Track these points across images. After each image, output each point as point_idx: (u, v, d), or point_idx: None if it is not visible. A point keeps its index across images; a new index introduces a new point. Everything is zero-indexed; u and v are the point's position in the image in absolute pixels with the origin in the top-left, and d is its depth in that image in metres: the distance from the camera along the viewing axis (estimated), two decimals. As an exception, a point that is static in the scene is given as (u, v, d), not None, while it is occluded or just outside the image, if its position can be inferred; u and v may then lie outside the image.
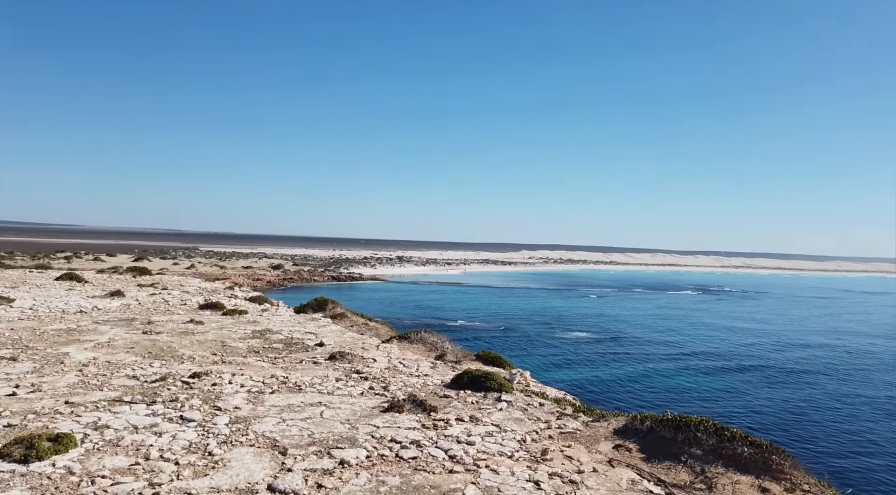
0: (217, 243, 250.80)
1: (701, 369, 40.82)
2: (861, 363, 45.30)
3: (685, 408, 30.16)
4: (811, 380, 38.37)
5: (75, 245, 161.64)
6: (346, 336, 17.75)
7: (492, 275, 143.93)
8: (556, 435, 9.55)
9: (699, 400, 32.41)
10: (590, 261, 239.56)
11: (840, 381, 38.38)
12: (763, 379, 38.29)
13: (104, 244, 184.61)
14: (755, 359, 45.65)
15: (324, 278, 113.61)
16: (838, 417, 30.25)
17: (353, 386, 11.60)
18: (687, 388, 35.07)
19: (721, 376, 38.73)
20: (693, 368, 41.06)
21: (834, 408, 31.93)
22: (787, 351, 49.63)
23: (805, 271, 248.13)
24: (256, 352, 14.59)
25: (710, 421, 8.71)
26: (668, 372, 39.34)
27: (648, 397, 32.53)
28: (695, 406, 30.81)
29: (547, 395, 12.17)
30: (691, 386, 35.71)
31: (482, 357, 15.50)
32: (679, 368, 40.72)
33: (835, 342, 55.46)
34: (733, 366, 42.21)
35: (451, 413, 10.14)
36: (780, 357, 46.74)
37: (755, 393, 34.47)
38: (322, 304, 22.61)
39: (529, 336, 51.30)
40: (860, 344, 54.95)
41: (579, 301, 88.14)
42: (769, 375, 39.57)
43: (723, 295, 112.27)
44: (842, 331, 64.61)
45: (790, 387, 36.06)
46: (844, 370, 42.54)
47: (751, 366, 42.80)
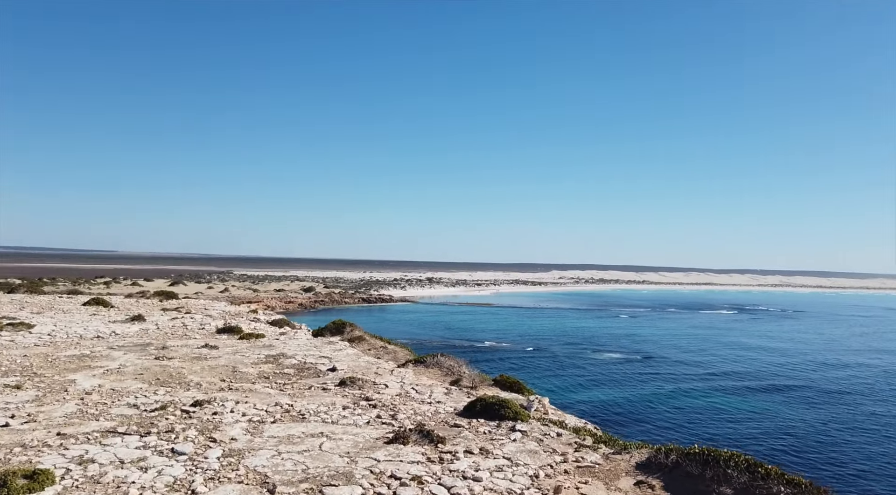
0: (250, 267, 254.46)
1: (734, 390, 39.15)
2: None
3: (716, 431, 28.81)
4: (848, 401, 36.42)
5: (115, 270, 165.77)
6: (361, 360, 17.24)
7: (522, 296, 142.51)
8: (572, 470, 8.82)
9: (731, 421, 30.93)
10: (622, 281, 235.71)
11: (878, 402, 36.28)
12: (798, 400, 36.50)
13: (142, 269, 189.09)
14: (790, 379, 43.73)
15: (354, 300, 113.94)
16: (875, 439, 28.43)
17: (360, 415, 11.05)
18: (718, 410, 33.54)
19: (754, 397, 37.05)
20: (725, 389, 39.42)
21: (870, 430, 30.10)
22: (824, 371, 47.41)
23: (846, 289, 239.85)
24: (266, 378, 14.17)
25: (742, 455, 7.89)
26: (700, 393, 37.81)
27: (678, 419, 31.17)
28: (725, 428, 29.42)
29: (566, 424, 11.41)
30: (723, 407, 34.16)
31: (500, 382, 14.79)
32: (711, 389, 39.12)
33: (874, 362, 52.83)
34: (768, 387, 40.44)
35: (459, 444, 9.49)
36: (816, 377, 44.65)
37: (789, 414, 32.78)
38: (340, 327, 22.19)
39: (559, 357, 50.09)
40: None
41: (611, 321, 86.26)
42: (804, 396, 37.73)
43: (759, 314, 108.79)
44: (882, 350, 61.64)
45: (825, 408, 34.24)
46: (882, 391, 40.31)
47: (786, 386, 40.99)
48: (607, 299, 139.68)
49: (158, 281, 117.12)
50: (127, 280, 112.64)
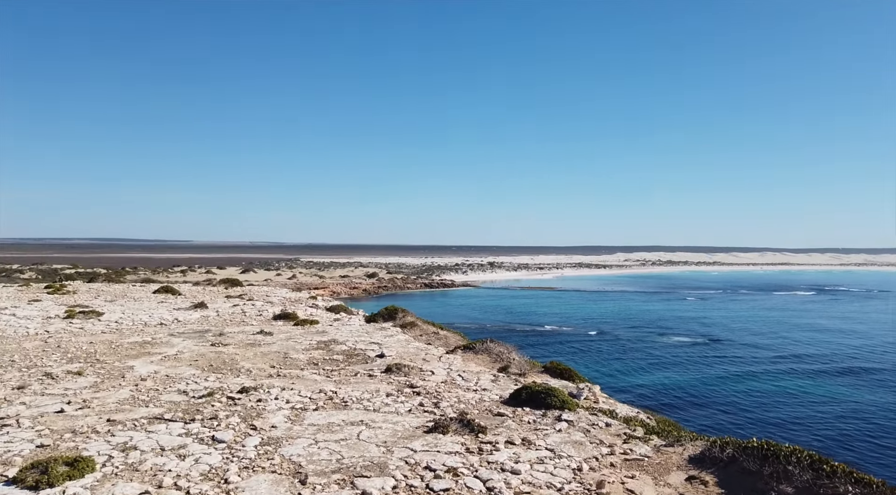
0: (316, 254, 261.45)
1: (806, 373, 36.93)
2: None
3: (784, 417, 27.19)
4: None
5: (190, 259, 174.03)
6: (410, 346, 17.15)
7: (586, 279, 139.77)
8: (619, 463, 8.34)
9: (800, 406, 29.13)
10: (691, 263, 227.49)
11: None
12: (875, 384, 34.02)
13: (216, 258, 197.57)
14: (868, 361, 40.89)
15: (416, 285, 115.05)
16: None
17: (403, 402, 10.90)
18: (788, 394, 31.69)
19: (828, 381, 34.81)
20: (797, 372, 37.25)
21: None
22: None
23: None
24: (315, 364, 14.27)
25: (805, 451, 7.21)
26: (769, 377, 35.87)
27: (744, 404, 29.64)
28: (794, 413, 27.72)
29: (616, 413, 10.88)
30: (793, 391, 32.26)
31: (550, 369, 14.34)
32: (781, 372, 37.08)
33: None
34: (843, 370, 37.95)
35: (501, 434, 9.17)
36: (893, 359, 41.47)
37: (864, 398, 30.56)
38: (392, 313, 22.21)
39: (622, 341, 48.76)
40: None
41: (678, 304, 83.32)
42: (882, 379, 35.13)
43: (840, 295, 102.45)
44: None
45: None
46: None
47: (862, 369, 38.40)
48: (675, 281, 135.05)
49: (230, 269, 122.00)
50: (202, 268, 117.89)
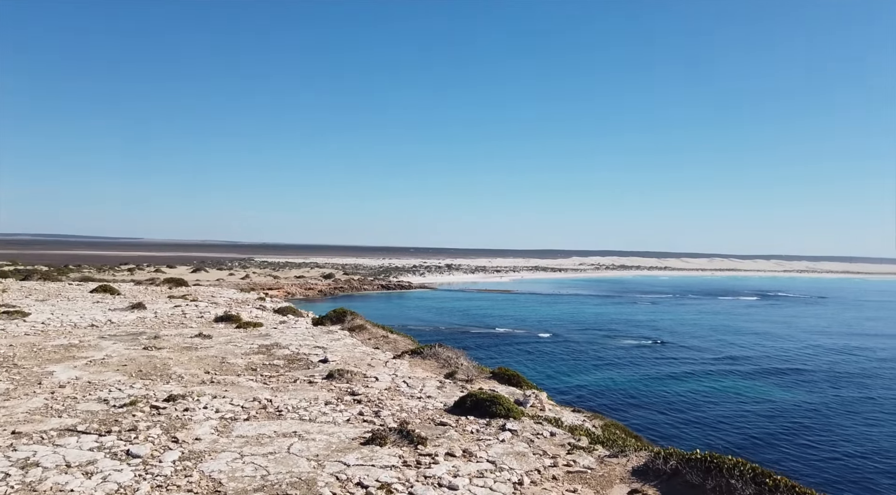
0: (271, 254, 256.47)
1: (747, 376, 38.21)
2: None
3: (726, 420, 27.79)
4: (855, 385, 35.07)
5: (140, 257, 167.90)
6: (356, 351, 16.60)
7: (542, 282, 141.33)
8: (561, 476, 8.05)
9: (743, 408, 30.00)
10: (643, 267, 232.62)
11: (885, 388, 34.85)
12: (797, 385, 35.37)
13: (166, 256, 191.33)
14: (796, 364, 42.63)
15: (373, 287, 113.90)
16: (865, 420, 27.29)
17: (342, 411, 10.38)
18: (731, 396, 32.62)
19: (757, 381, 36.10)
20: (739, 375, 38.57)
21: (862, 413, 28.99)
22: (833, 356, 45.92)
23: (874, 275, 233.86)
24: (253, 370, 13.59)
25: (748, 464, 7.04)
26: (713, 379, 36.99)
27: (689, 407, 30.31)
28: (736, 416, 28.44)
29: (561, 422, 10.63)
30: (736, 393, 33.24)
31: (498, 374, 14.04)
32: (725, 375, 38.26)
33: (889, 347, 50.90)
34: (771, 372, 39.57)
35: (442, 446, 8.77)
36: (824, 362, 43.29)
37: (797, 399, 31.71)
38: (341, 316, 21.59)
39: (574, 344, 49.16)
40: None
41: (630, 307, 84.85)
42: (805, 380, 36.54)
43: (783, 300, 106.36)
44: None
45: (830, 392, 33.05)
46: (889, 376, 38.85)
47: (790, 370, 40.00)
48: (627, 285, 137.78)
49: (181, 267, 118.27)
50: (150, 266, 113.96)
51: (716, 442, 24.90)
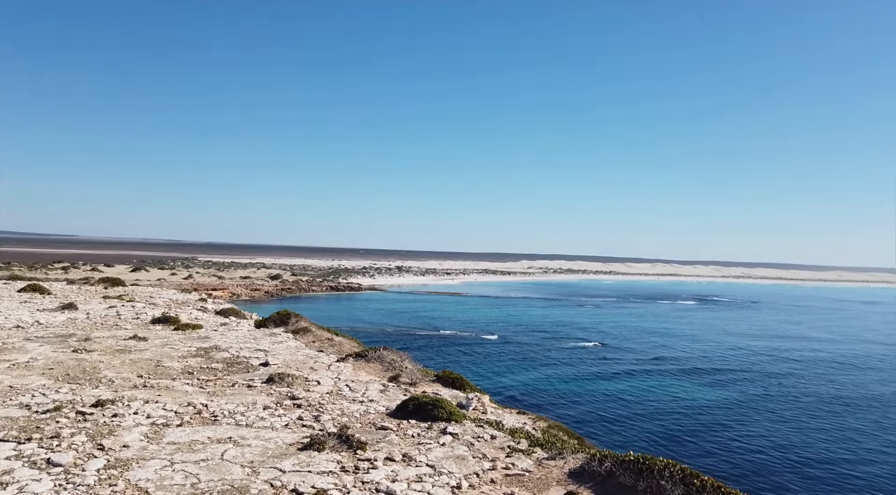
0: (216, 253, 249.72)
1: (683, 376, 39.76)
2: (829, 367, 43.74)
3: (662, 418, 28.78)
4: (780, 383, 37.09)
5: (76, 255, 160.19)
6: (299, 354, 16.32)
7: (491, 285, 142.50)
8: (500, 479, 8.11)
9: (678, 407, 31.11)
10: (589, 271, 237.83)
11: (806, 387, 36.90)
12: (715, 384, 37.10)
13: (104, 254, 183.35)
14: (718, 364, 44.75)
15: (322, 288, 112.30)
16: (779, 418, 28.92)
17: (281, 416, 10.17)
18: (669, 395, 33.83)
19: (682, 380, 37.67)
20: (675, 375, 40.10)
21: (775, 410, 30.72)
22: (762, 358, 48.26)
23: (804, 281, 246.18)
24: (190, 374, 13.17)
25: (678, 465, 7.27)
26: (651, 379, 38.36)
27: (628, 405, 31.21)
28: (672, 414, 29.48)
29: (502, 425, 10.72)
30: (673, 393, 34.47)
31: (442, 377, 14.06)
32: (662, 375, 39.72)
33: (820, 351, 53.81)
34: (694, 371, 41.55)
35: (381, 450, 8.71)
36: (753, 363, 45.53)
37: (732, 398, 33.08)
38: (285, 318, 21.19)
39: (521, 346, 49.77)
40: (839, 350, 53.28)
41: (576, 310, 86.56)
42: (720, 380, 38.35)
43: (719, 305, 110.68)
44: (826, 339, 62.97)
45: (761, 392, 34.84)
46: (813, 375, 41.21)
47: (712, 369, 42.04)
48: (574, 289, 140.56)
49: (120, 266, 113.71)
50: (87, 265, 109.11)
51: (652, 441, 25.69)
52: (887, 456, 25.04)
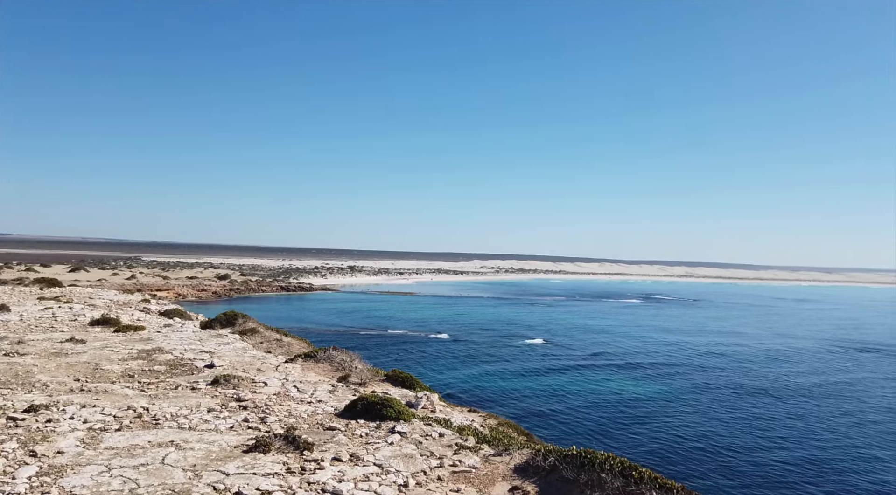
0: (161, 253, 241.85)
1: (630, 373, 40.92)
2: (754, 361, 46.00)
3: (608, 415, 29.63)
4: (724, 382, 38.75)
5: (8, 255, 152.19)
6: (246, 355, 16.04)
7: (443, 285, 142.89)
8: (446, 476, 8.20)
9: (624, 404, 32.04)
10: (540, 271, 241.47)
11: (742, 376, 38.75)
12: (649, 378, 38.69)
13: (40, 254, 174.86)
14: (660, 358, 46.61)
15: (272, 288, 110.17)
16: (707, 409, 30.41)
17: (226, 418, 10.00)
18: (615, 392, 34.73)
19: (644, 380, 38.95)
20: (622, 372, 41.25)
21: (703, 402, 32.34)
22: (707, 353, 50.32)
23: (743, 280, 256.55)
24: (130, 377, 12.77)
25: (618, 458, 7.52)
26: (598, 376, 39.40)
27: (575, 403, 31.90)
28: (617, 412, 30.38)
29: (451, 423, 10.83)
30: (619, 390, 35.43)
31: (392, 377, 14.07)
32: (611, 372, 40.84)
33: (750, 346, 56.37)
34: (633, 365, 43.24)
35: (329, 450, 8.67)
36: (697, 359, 47.42)
37: (679, 396, 34.32)
38: (232, 319, 20.77)
39: (472, 345, 50.16)
40: (768, 345, 55.98)
41: (527, 309, 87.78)
42: (653, 374, 39.97)
43: (664, 303, 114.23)
44: (759, 336, 65.97)
45: (704, 387, 36.23)
46: (746, 369, 43.31)
47: (652, 364, 44.00)
48: (525, 288, 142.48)
49: (57, 266, 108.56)
50: (21, 265, 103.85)
51: (595, 433, 26.40)
52: (798, 443, 26.68)
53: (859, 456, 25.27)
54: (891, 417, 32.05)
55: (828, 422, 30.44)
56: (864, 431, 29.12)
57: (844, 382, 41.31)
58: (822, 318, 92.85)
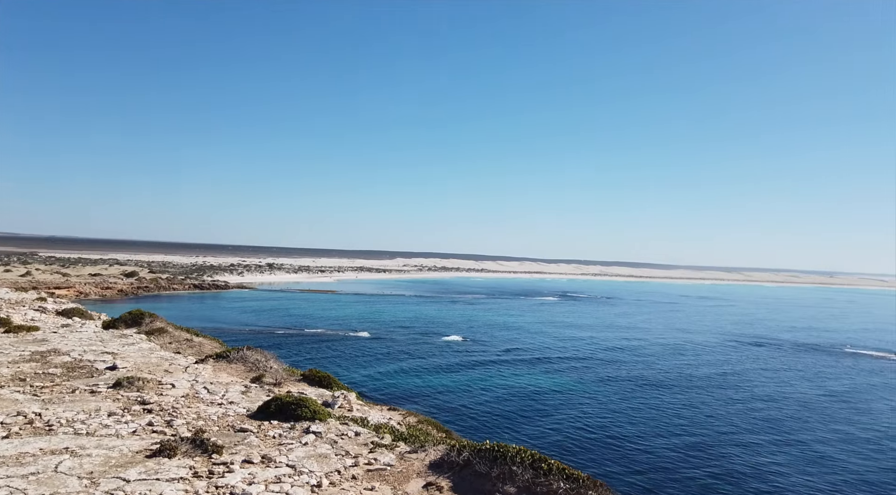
0: (60, 248, 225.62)
1: (545, 370, 42.24)
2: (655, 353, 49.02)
3: (522, 408, 30.57)
4: (616, 369, 40.85)
5: None
6: (153, 356, 15.29)
7: (366, 283, 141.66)
8: (361, 475, 8.18)
9: (537, 399, 33.12)
10: (462, 269, 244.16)
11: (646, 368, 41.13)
12: (597, 376, 40.44)
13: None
14: (571, 353, 48.75)
15: (184, 286, 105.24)
16: (611, 400, 32.29)
17: (128, 423, 9.50)
18: (530, 387, 35.78)
19: (565, 375, 40.36)
20: (537, 366, 42.64)
21: (607, 393, 34.27)
22: (613, 348, 52.93)
23: (653, 278, 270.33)
24: (22, 380, 11.88)
25: (528, 451, 7.76)
26: (513, 371, 40.55)
27: (492, 398, 32.66)
28: (532, 406, 31.39)
29: (367, 421, 10.79)
30: (534, 386, 36.50)
31: (308, 376, 13.84)
32: (527, 367, 41.99)
33: (653, 341, 59.78)
34: (546, 360, 45.07)
35: (239, 453, 8.43)
36: (603, 354, 49.87)
37: (590, 389, 35.88)
38: (138, 318, 19.72)
39: (393, 343, 50.08)
40: (668, 339, 59.64)
41: (448, 307, 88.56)
42: (603, 372, 41.70)
43: (579, 300, 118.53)
44: (662, 331, 70.05)
45: (617, 380, 38.12)
46: (645, 361, 45.99)
47: (563, 357, 46.16)
48: (447, 286, 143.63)
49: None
50: None
51: (508, 428, 27.10)
52: (688, 430, 28.72)
53: (740, 441, 27.40)
54: (771, 405, 34.83)
55: (716, 411, 32.77)
56: (746, 418, 31.55)
57: (734, 373, 44.50)
58: (720, 315, 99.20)
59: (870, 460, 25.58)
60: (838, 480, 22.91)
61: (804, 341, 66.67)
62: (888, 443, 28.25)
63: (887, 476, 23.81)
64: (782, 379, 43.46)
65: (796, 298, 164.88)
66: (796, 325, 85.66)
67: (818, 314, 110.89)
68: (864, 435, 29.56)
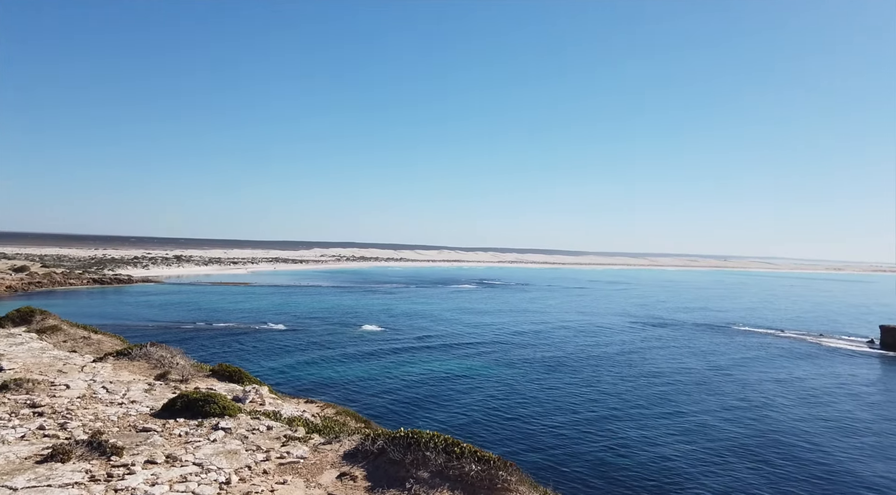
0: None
1: (459, 354, 43.43)
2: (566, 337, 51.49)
3: (437, 393, 31.20)
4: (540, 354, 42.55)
5: None
6: (45, 355, 14.26)
7: (282, 274, 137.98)
8: (273, 469, 8.04)
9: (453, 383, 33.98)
10: (381, 259, 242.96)
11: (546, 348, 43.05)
12: (479, 355, 41.99)
13: None
14: (496, 338, 50.38)
15: (83, 281, 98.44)
16: (539, 387, 33.80)
17: (16, 428, 8.84)
18: (442, 373, 36.54)
19: (477, 359, 41.58)
20: (452, 354, 43.57)
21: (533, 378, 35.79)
22: (523, 332, 54.97)
23: (565, 265, 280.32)
24: None
25: (442, 436, 7.91)
26: (432, 358, 41.39)
27: (412, 384, 33.28)
28: (449, 390, 32.16)
29: (280, 415, 10.60)
30: (446, 370, 37.34)
31: (218, 372, 13.39)
32: (442, 355, 42.86)
33: (560, 324, 62.49)
34: (490, 350, 46.11)
35: (142, 453, 8.06)
36: (513, 337, 51.83)
37: (504, 371, 37.02)
38: (27, 316, 18.30)
39: (310, 334, 49.24)
40: (575, 322, 62.62)
41: (367, 297, 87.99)
42: (495, 351, 43.29)
43: (496, 288, 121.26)
44: (572, 314, 73.24)
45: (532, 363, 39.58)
46: (552, 343, 48.13)
47: (476, 343, 47.66)
48: (366, 276, 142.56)
49: None
50: None
51: (423, 414, 27.50)
52: (586, 407, 30.81)
53: (633, 415, 29.40)
54: (664, 381, 37.39)
55: (614, 388, 34.93)
56: (639, 394, 33.79)
57: (633, 352, 47.35)
58: (625, 298, 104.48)
59: (748, 428, 28.08)
60: (718, 446, 25.02)
61: (699, 321, 71.52)
62: (766, 412, 30.97)
63: (761, 439, 26.26)
64: (676, 356, 46.54)
65: (694, 281, 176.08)
66: (692, 306, 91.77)
67: (712, 295, 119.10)
68: (745, 404, 32.40)
